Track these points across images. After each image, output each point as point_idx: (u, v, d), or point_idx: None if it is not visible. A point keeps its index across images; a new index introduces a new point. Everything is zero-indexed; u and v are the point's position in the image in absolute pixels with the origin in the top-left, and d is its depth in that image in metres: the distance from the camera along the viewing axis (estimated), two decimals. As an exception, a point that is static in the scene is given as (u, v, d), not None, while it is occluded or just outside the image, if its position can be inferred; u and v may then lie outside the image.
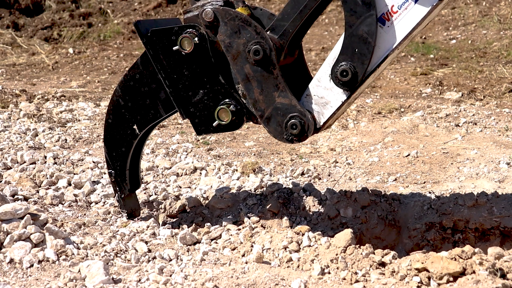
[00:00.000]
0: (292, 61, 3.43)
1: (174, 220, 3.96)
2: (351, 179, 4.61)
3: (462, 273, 2.70)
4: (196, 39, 3.17)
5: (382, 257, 2.98)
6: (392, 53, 3.04)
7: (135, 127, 3.46)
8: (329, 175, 4.62)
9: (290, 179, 4.39)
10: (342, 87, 3.06)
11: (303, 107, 3.15)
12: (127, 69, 9.00)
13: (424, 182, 4.59)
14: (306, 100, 3.19)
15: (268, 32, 3.15)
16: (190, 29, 3.19)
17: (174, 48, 3.20)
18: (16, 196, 3.76)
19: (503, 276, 2.71)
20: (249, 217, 3.64)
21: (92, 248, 3.20)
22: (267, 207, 3.81)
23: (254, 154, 5.11)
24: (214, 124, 3.24)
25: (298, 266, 3.07)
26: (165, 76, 3.27)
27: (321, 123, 3.18)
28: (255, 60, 3.12)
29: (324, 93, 3.14)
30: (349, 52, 3.02)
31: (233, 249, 3.32)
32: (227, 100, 3.22)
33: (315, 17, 3.30)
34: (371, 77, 3.08)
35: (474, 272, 2.68)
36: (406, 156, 5.06)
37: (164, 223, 3.88)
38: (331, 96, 3.13)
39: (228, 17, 3.16)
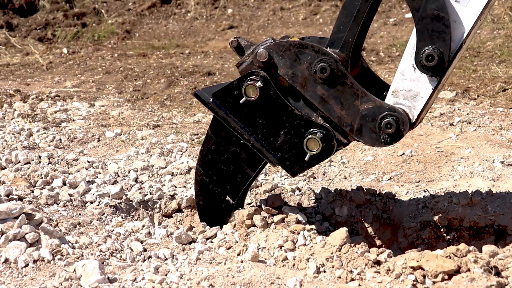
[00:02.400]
0: (358, 72, 3.32)
1: (170, 219, 3.97)
2: (346, 178, 4.62)
3: (457, 271, 2.71)
4: (259, 83, 3.11)
5: (377, 255, 2.99)
6: (475, 26, 2.88)
7: (228, 198, 3.41)
8: (324, 174, 4.63)
9: (285, 178, 4.39)
10: (429, 73, 2.90)
11: (390, 105, 3.00)
12: (121, 69, 9.00)
13: (419, 181, 4.60)
14: (393, 97, 3.03)
15: (328, 49, 3.06)
16: (250, 76, 3.14)
17: (241, 101, 3.13)
18: (10, 196, 3.75)
19: (498, 274, 2.72)
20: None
21: (87, 247, 3.20)
22: (262, 206, 3.82)
23: (249, 154, 5.12)
24: (306, 158, 3.12)
25: (293, 265, 3.07)
26: (241, 132, 3.20)
27: (415, 117, 3.01)
28: (324, 78, 3.03)
29: (411, 85, 2.99)
30: (426, 35, 2.87)
31: (229, 248, 3.32)
32: (311, 130, 3.11)
33: (370, 22, 3.19)
34: (457, 57, 2.92)
35: (469, 270, 2.69)
36: (401, 155, 5.08)
37: (159, 223, 3.89)
38: (420, 86, 2.97)
39: (282, 49, 3.09)
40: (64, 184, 4.13)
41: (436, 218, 3.73)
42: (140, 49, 10.57)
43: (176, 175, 4.44)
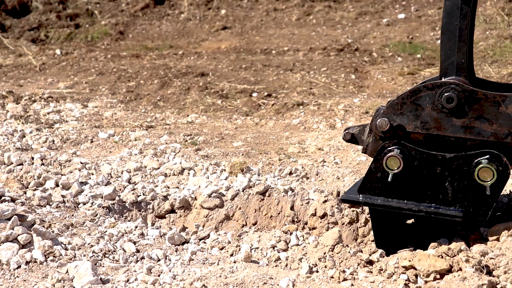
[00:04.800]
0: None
1: (163, 220, 3.97)
2: (339, 178, 4.63)
3: (449, 271, 2.72)
4: (396, 151, 2.89)
5: (370, 255, 3.00)
6: None
7: None
8: (317, 175, 4.64)
9: (278, 179, 4.40)
10: None
11: None
12: (114, 70, 8.98)
13: (412, 181, 4.61)
14: None
15: (442, 79, 2.89)
16: (383, 151, 2.93)
17: (389, 179, 2.90)
18: (3, 198, 3.75)
19: (489, 273, 2.74)
20: (237, 217, 3.65)
21: (80, 248, 3.20)
22: (255, 207, 3.83)
23: (242, 154, 5.12)
24: (488, 192, 2.80)
25: (286, 265, 3.08)
26: (408, 208, 2.95)
27: None
28: (455, 107, 2.80)
29: None
30: None
31: (221, 249, 3.33)
32: (474, 162, 2.83)
33: (473, 35, 2.99)
34: None
35: (460, 269, 2.71)
36: (394, 155, 5.08)
37: (152, 223, 3.89)
38: None
39: (397, 107, 2.91)
40: (57, 185, 4.13)
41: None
42: (134, 50, 10.56)
43: (169, 176, 4.44)
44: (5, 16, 12.44)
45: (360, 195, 3.00)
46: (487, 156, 2.81)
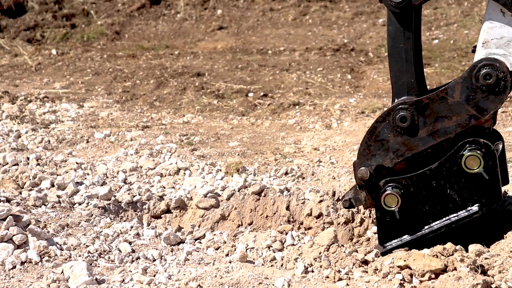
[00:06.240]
0: None
1: (158, 220, 3.97)
2: (334, 178, 4.64)
3: (444, 270, 2.73)
4: (389, 190, 2.98)
5: (365, 255, 3.01)
6: None
7: None
8: (312, 175, 4.64)
9: (274, 179, 4.41)
10: None
11: (479, 58, 2.85)
12: (110, 70, 8.98)
13: (407, 181, 4.61)
14: (484, 48, 2.85)
15: (395, 100, 2.97)
16: (379, 196, 3.00)
17: (397, 216, 2.99)
18: (-2, 198, 3.74)
19: (484, 272, 2.75)
20: (233, 217, 3.65)
21: (75, 249, 3.20)
22: (251, 206, 3.83)
23: (238, 154, 5.12)
24: (486, 176, 2.87)
25: (281, 265, 3.09)
26: (431, 231, 3.03)
27: None
28: (410, 124, 2.90)
29: (502, 31, 2.83)
30: None
31: (217, 249, 3.33)
32: (457, 157, 2.91)
33: (420, 49, 3.08)
34: None
35: (455, 269, 2.71)
36: (389, 155, 5.09)
37: (148, 224, 3.89)
38: None
39: (366, 152, 3.00)
40: (53, 185, 4.12)
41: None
42: (130, 50, 10.55)
43: (165, 176, 4.44)
44: (1, 16, 12.42)
45: (385, 246, 3.06)
46: (466, 146, 2.88)
